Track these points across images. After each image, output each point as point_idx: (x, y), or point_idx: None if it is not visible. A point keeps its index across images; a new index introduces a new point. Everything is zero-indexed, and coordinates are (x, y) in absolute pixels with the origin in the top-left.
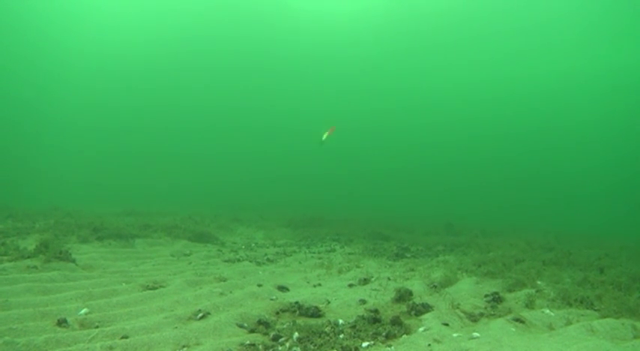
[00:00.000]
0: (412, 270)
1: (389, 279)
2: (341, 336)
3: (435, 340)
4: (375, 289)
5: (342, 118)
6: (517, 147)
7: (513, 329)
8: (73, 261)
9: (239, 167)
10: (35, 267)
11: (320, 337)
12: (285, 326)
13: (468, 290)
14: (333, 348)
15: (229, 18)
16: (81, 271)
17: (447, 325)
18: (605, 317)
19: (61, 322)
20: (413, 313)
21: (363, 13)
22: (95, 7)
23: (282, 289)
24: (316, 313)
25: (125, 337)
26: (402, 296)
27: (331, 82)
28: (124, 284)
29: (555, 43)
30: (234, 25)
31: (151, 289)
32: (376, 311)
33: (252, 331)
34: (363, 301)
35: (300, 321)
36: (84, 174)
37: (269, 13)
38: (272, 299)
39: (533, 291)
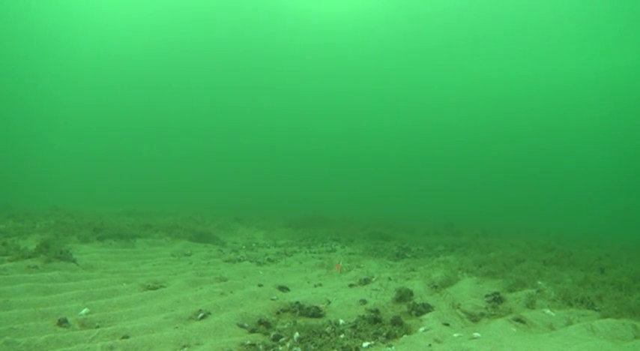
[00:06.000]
0: (413, 270)
1: (389, 279)
2: (341, 336)
3: (436, 340)
4: (376, 289)
5: (343, 118)
6: (517, 147)
7: (514, 329)
8: (74, 261)
9: (240, 167)
10: (36, 267)
11: (321, 337)
12: (285, 326)
13: (469, 290)
14: (333, 348)
15: (230, 19)
16: (81, 271)
17: (447, 325)
18: (605, 317)
19: (62, 322)
20: (413, 313)
21: (364, 14)
22: (96, 7)
23: (283, 289)
24: (317, 313)
25: (126, 337)
26: (403, 296)
27: (332, 82)
28: (124, 284)
29: (556, 43)
30: (235, 26)
31: (151, 289)
32: (377, 311)
33: (252, 331)
34: (364, 301)
35: (301, 321)
36: (84, 174)
37: (270, 14)
38: (273, 299)
39: (533, 291)
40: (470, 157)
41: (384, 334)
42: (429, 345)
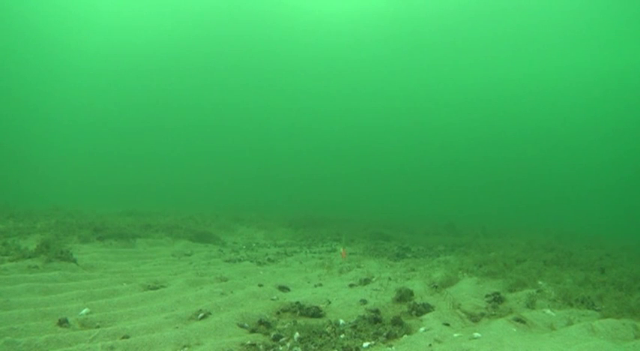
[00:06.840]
0: (413, 270)
1: (390, 279)
2: (342, 336)
3: (436, 340)
4: (376, 289)
5: (344, 118)
6: (518, 147)
7: (514, 329)
8: (74, 261)
9: (240, 167)
10: (36, 267)
11: (321, 337)
12: (286, 326)
13: (469, 290)
14: (334, 348)
15: (231, 19)
16: (82, 271)
17: (447, 325)
18: (606, 317)
19: (62, 322)
20: (414, 313)
21: (364, 15)
22: (96, 7)
23: (283, 289)
24: (317, 313)
25: (126, 337)
26: (403, 296)
27: (333, 82)
28: (125, 284)
29: (556, 43)
30: (235, 26)
31: (152, 289)
32: (377, 311)
33: (253, 331)
34: (364, 301)
35: (301, 321)
36: (84, 174)
37: (270, 14)
38: (273, 299)
39: (534, 291)
40: (470, 157)
41: (385, 334)
42: (430, 345)
